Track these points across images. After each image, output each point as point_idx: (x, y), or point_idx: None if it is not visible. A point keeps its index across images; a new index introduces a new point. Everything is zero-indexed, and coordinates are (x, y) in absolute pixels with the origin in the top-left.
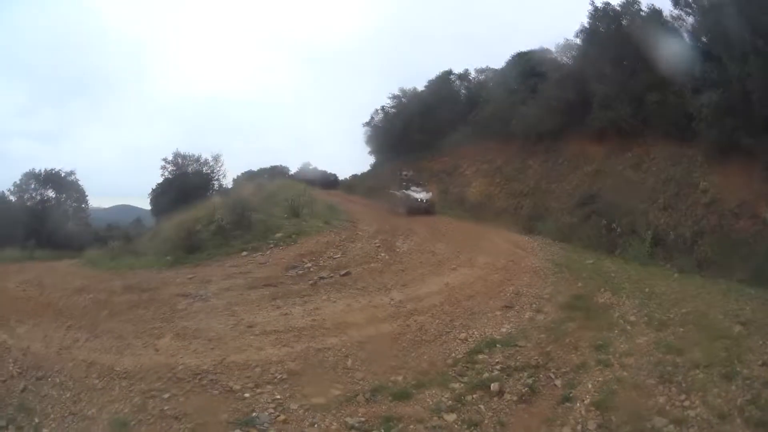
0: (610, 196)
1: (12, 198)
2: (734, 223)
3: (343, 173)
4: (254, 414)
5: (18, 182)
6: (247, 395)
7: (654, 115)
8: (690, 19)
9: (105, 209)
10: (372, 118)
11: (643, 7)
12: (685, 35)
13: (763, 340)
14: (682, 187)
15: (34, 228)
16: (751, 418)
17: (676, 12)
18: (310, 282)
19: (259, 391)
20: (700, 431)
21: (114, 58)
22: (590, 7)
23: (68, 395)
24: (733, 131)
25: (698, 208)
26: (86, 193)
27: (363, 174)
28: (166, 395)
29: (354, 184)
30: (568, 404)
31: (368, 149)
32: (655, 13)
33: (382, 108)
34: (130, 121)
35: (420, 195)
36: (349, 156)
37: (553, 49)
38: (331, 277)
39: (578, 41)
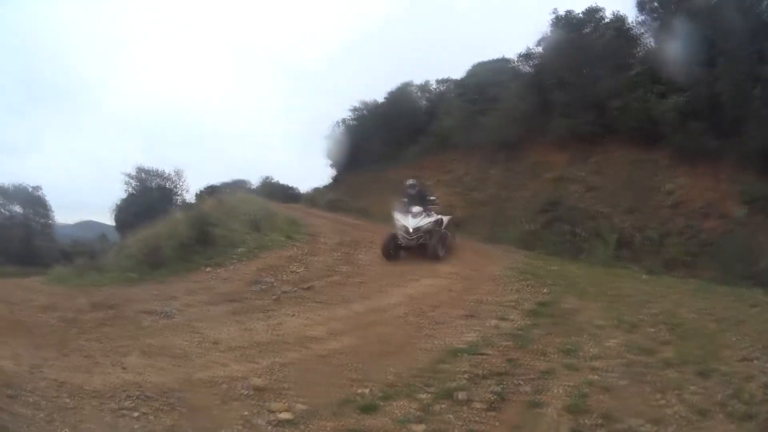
0: (572, 202)
1: None
2: (702, 223)
3: (305, 186)
4: (222, 431)
5: None
6: (214, 412)
7: (616, 121)
8: (656, 25)
9: (70, 225)
10: (333, 130)
11: (607, 14)
12: (651, 41)
13: (739, 336)
14: (646, 190)
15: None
16: (735, 412)
17: (641, 18)
18: (273, 297)
19: (226, 407)
20: (680, 429)
21: (75, 66)
22: (552, 16)
23: (42, 415)
24: (700, 134)
25: (664, 210)
26: (51, 209)
27: (324, 187)
28: (136, 414)
29: (315, 198)
30: (538, 410)
31: (329, 162)
32: (619, 19)
33: (343, 120)
34: (92, 133)
35: (412, 221)
36: (311, 169)
37: (514, 58)
38: (294, 291)
39: (539, 50)
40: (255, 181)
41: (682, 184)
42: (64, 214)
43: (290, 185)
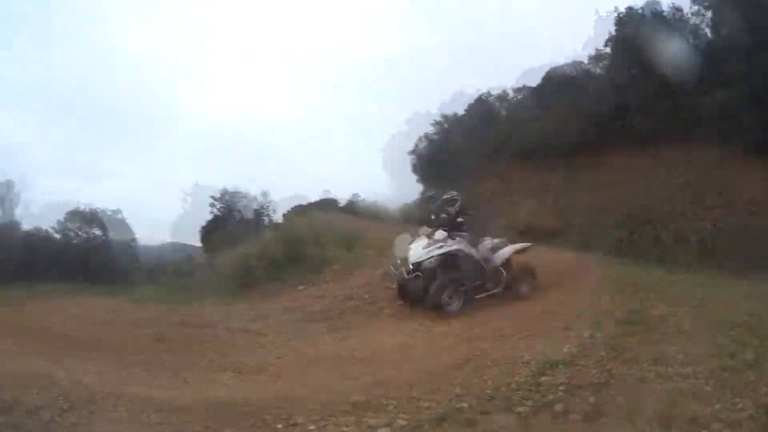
0: (654, 205)
1: (57, 236)
2: None
3: (394, 204)
4: None
5: (62, 220)
6: (311, 428)
7: (692, 117)
8: (709, 14)
9: (156, 246)
10: (416, 146)
11: (664, 7)
12: (708, 31)
13: None
14: (725, 188)
15: (81, 265)
16: None
17: (695, 8)
18: (368, 313)
19: (323, 423)
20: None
21: (143, 91)
22: (614, 14)
23: (122, 430)
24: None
25: (742, 208)
26: (134, 231)
27: (412, 203)
28: (228, 430)
29: (405, 214)
30: (630, 419)
31: (415, 177)
32: (677, 10)
33: (426, 135)
34: (171, 155)
35: (417, 251)
36: (399, 186)
37: (585, 60)
38: (389, 307)
39: (608, 50)
40: (342, 198)
41: (759, 179)
42: (150, 235)
43: (378, 201)
